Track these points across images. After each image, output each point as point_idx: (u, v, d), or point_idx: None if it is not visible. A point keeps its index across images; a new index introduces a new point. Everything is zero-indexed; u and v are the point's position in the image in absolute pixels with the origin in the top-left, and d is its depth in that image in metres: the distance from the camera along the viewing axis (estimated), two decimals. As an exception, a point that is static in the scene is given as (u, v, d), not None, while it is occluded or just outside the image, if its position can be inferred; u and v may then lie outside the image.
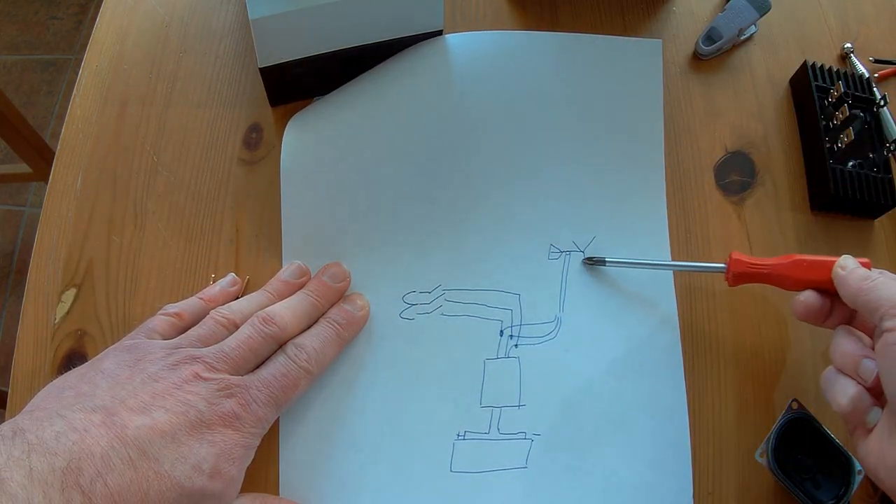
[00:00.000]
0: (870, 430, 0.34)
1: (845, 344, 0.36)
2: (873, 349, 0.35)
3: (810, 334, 0.43)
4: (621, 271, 0.44)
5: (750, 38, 0.51)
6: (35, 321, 0.42)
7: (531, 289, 0.43)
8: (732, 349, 0.43)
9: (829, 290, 0.38)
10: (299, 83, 0.46)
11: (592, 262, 0.44)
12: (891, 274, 0.37)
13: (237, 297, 0.42)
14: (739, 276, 0.40)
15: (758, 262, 0.40)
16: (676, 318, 0.43)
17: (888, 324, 0.33)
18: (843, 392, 0.35)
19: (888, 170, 0.46)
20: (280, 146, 0.45)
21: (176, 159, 0.46)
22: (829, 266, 0.38)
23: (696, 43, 0.50)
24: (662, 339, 0.43)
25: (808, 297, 0.38)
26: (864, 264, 0.37)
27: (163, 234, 0.44)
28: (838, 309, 0.38)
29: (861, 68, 0.51)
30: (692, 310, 0.44)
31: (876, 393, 0.35)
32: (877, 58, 0.52)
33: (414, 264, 0.43)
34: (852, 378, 0.35)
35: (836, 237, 0.46)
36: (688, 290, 0.44)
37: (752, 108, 0.50)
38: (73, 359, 0.41)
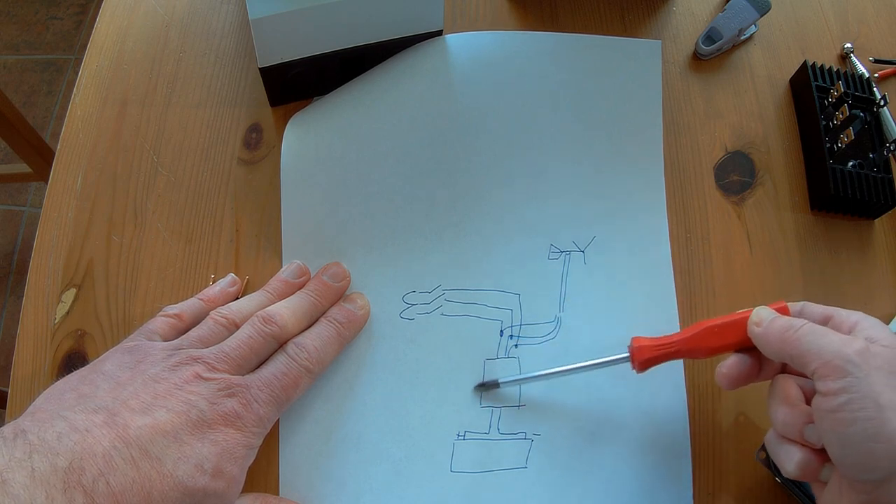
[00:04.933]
0: (825, 484, 0.33)
1: (783, 413, 0.33)
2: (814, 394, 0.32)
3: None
4: (620, 269, 0.44)
5: (750, 38, 0.51)
6: (35, 321, 0.42)
7: (531, 289, 0.43)
8: (732, 349, 0.43)
9: (751, 347, 0.35)
10: (299, 83, 0.46)
11: (486, 388, 0.41)
12: (815, 306, 0.35)
13: (237, 298, 0.42)
14: (646, 361, 0.37)
15: (663, 342, 0.36)
16: (676, 316, 0.43)
17: (821, 386, 0.30)
18: (789, 459, 0.33)
19: (888, 170, 0.46)
20: (280, 146, 0.45)
21: (176, 159, 0.46)
22: (742, 324, 0.35)
23: (696, 43, 0.50)
24: (662, 338, 0.43)
25: (730, 367, 0.35)
26: (780, 309, 0.34)
27: (163, 234, 0.44)
28: (767, 360, 0.35)
29: (861, 68, 0.51)
30: (692, 307, 0.44)
31: (824, 452, 0.32)
32: (877, 58, 0.52)
33: (414, 264, 0.44)
34: (797, 443, 0.33)
35: (836, 237, 0.46)
36: (688, 288, 0.44)
37: (752, 108, 0.50)
38: (73, 359, 0.41)
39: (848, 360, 0.30)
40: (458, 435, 0.41)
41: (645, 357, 0.37)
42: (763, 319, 0.34)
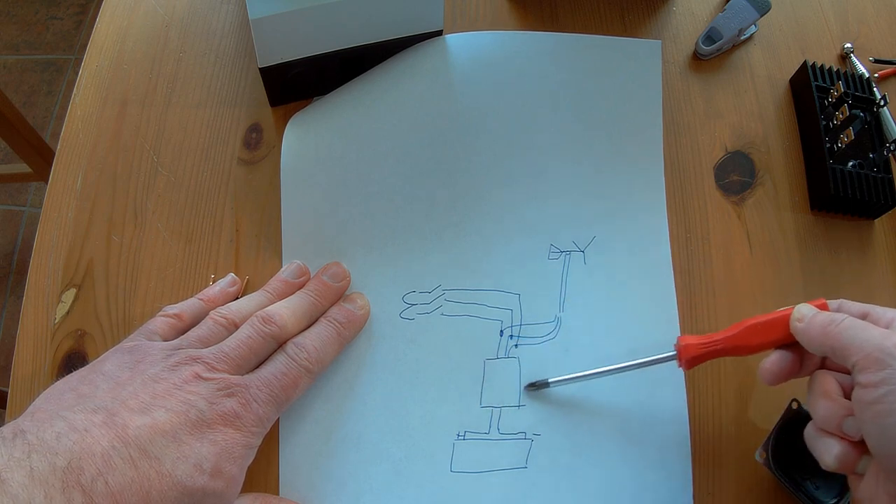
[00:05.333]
0: (862, 476, 0.33)
1: (823, 406, 0.34)
2: (852, 389, 0.32)
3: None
4: (620, 269, 0.44)
5: (750, 38, 0.51)
6: (35, 321, 0.42)
7: (531, 289, 0.43)
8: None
9: (792, 343, 0.36)
10: (299, 83, 0.46)
11: (536, 387, 0.41)
12: (852, 304, 0.35)
13: (237, 297, 0.42)
14: (692, 360, 0.38)
15: (709, 340, 0.37)
16: (677, 317, 0.43)
17: (861, 378, 0.31)
18: (828, 451, 0.33)
19: (888, 170, 0.46)
20: (280, 146, 0.45)
21: (176, 159, 0.46)
22: (784, 321, 0.36)
23: (696, 43, 0.50)
24: (662, 338, 0.43)
25: (773, 363, 0.36)
26: (820, 306, 0.35)
27: (163, 234, 0.44)
28: (808, 356, 0.36)
29: (861, 68, 0.51)
30: (692, 307, 0.44)
31: (861, 444, 0.33)
32: (877, 58, 0.52)
33: (414, 264, 0.44)
34: (836, 435, 0.33)
35: (836, 237, 0.46)
36: (688, 288, 0.44)
37: (752, 108, 0.50)
38: (73, 359, 0.41)
39: (888, 353, 0.30)
40: (458, 435, 0.41)
41: (691, 355, 0.37)
42: (805, 315, 0.35)
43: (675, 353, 0.38)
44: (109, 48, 0.49)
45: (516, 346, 0.42)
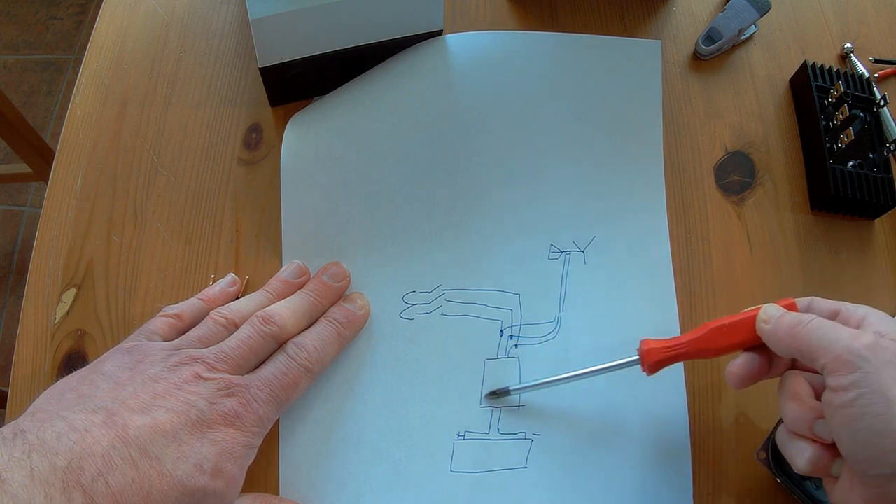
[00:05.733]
0: (836, 479, 0.32)
1: (793, 409, 0.33)
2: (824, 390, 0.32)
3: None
4: (620, 269, 0.44)
5: (750, 38, 0.51)
6: (35, 321, 0.42)
7: (531, 289, 0.43)
8: (732, 349, 0.43)
9: (759, 345, 0.35)
10: (299, 83, 0.46)
11: (497, 396, 0.41)
12: (822, 302, 0.35)
13: (237, 297, 0.42)
14: (655, 364, 0.37)
15: (672, 344, 0.36)
16: (676, 317, 0.43)
17: (831, 381, 0.30)
18: (800, 455, 0.32)
19: (888, 170, 0.46)
20: (280, 146, 0.45)
21: (176, 159, 0.46)
22: (750, 323, 0.34)
23: (696, 43, 0.50)
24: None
25: (740, 366, 0.35)
26: (788, 306, 0.34)
27: (163, 234, 0.44)
28: (777, 356, 0.35)
29: (861, 68, 0.51)
30: (692, 307, 0.44)
31: (834, 447, 0.32)
32: (877, 58, 0.52)
33: (414, 264, 0.44)
34: (808, 438, 0.33)
35: (836, 237, 0.46)
36: (688, 288, 0.44)
37: (752, 108, 0.50)
38: (73, 359, 0.41)
39: (857, 355, 0.30)
40: (458, 435, 0.41)
41: (655, 360, 0.37)
42: (771, 317, 0.34)
43: (638, 357, 0.37)
44: (109, 48, 0.49)
45: (516, 346, 0.42)
